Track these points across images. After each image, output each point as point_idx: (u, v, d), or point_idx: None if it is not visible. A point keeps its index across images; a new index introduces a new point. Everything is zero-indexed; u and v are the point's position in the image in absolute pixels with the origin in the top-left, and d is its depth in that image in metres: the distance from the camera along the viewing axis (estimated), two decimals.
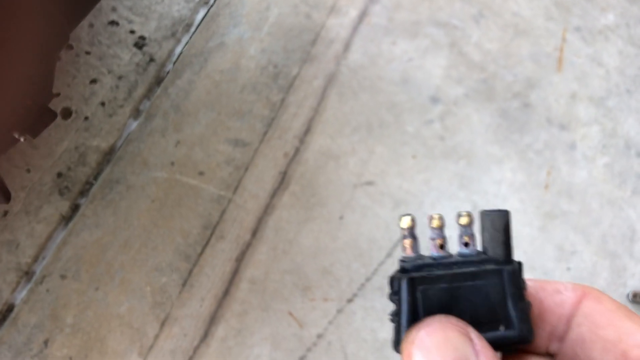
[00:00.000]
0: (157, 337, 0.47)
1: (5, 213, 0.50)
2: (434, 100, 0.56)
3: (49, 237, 0.50)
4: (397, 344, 0.21)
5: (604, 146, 0.55)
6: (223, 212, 0.51)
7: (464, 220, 0.22)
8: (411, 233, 0.22)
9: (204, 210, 0.51)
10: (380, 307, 0.49)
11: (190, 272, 0.49)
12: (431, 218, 0.22)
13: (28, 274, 0.49)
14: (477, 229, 0.22)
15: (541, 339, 0.22)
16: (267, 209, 0.51)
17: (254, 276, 0.49)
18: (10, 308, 0.48)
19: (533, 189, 0.53)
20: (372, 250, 0.50)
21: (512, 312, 0.21)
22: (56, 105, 0.54)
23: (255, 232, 0.51)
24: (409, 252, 0.22)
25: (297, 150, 0.54)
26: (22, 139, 0.36)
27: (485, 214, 0.22)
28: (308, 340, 0.47)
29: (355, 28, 0.59)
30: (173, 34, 0.57)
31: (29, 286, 0.48)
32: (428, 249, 0.22)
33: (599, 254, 0.51)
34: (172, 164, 0.52)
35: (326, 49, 0.58)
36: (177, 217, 0.51)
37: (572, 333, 0.21)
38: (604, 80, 0.58)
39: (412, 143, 0.54)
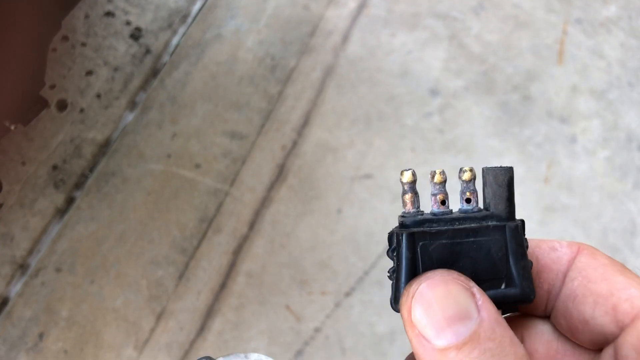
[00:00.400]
0: (153, 330, 0.47)
1: (0, 206, 0.50)
2: (433, 92, 0.56)
3: (44, 230, 0.49)
4: (396, 301, 0.20)
5: (605, 139, 0.55)
6: (220, 205, 0.50)
7: (466, 176, 0.21)
8: (412, 188, 0.21)
9: (201, 203, 0.50)
10: (378, 300, 0.48)
11: (186, 265, 0.49)
12: (433, 173, 0.21)
13: (23, 267, 0.48)
14: (479, 186, 0.21)
15: (540, 298, 0.22)
16: (265, 202, 0.51)
17: (251, 269, 0.49)
18: (5, 301, 0.47)
19: (533, 182, 0.53)
20: (370, 244, 0.50)
21: (514, 270, 0.20)
22: (51, 97, 0.53)
23: (252, 225, 0.50)
24: (409, 208, 0.21)
25: (294, 143, 0.53)
26: (12, 127, 0.36)
27: (488, 170, 0.21)
28: (305, 334, 0.47)
29: (354, 19, 0.58)
30: (169, 25, 0.57)
31: (23, 279, 0.48)
32: (429, 206, 0.21)
33: (599, 248, 0.51)
34: (169, 156, 0.52)
35: (324, 41, 0.57)
36: (173, 210, 0.50)
37: (565, 288, 0.21)
38: (605, 73, 0.57)
39: (411, 136, 0.54)
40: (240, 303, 0.48)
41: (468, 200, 0.21)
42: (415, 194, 0.21)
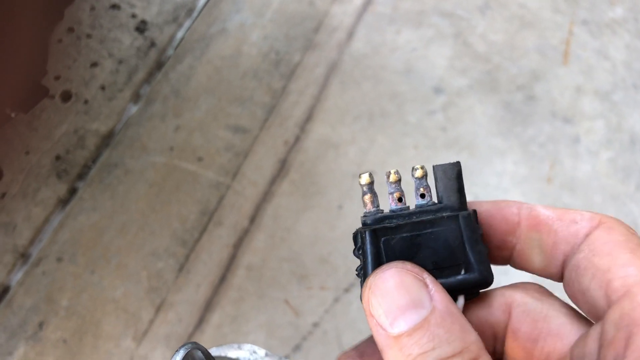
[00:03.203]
0: (152, 322, 0.47)
1: (3, 195, 0.50)
2: (437, 90, 0.56)
3: (46, 220, 0.50)
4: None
5: (609, 141, 0.54)
6: (221, 199, 0.51)
7: (418, 173, 0.23)
8: (370, 189, 0.23)
9: (202, 196, 0.51)
10: None
11: (187, 258, 0.49)
12: (389, 173, 0.23)
13: (24, 256, 0.48)
14: (432, 183, 0.23)
15: (556, 269, 0.22)
16: (266, 196, 0.51)
17: (251, 263, 0.49)
18: (5, 290, 0.47)
19: (535, 182, 0.53)
20: None
21: (471, 256, 0.22)
22: (56, 87, 0.53)
23: (253, 219, 0.50)
24: (370, 207, 0.23)
25: (297, 138, 0.53)
26: (13, 115, 0.36)
27: (438, 167, 0.23)
28: (304, 329, 0.47)
29: (359, 16, 0.58)
30: (175, 19, 0.57)
31: (25, 268, 0.48)
32: (388, 205, 0.23)
33: None
34: (171, 149, 0.52)
35: (329, 37, 0.57)
36: (174, 203, 0.50)
37: (573, 259, 0.21)
38: (610, 74, 0.57)
39: (414, 133, 0.54)
40: (239, 296, 0.48)
41: (422, 196, 0.23)
42: (374, 194, 0.23)
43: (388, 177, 0.23)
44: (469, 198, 0.53)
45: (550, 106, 0.56)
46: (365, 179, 0.23)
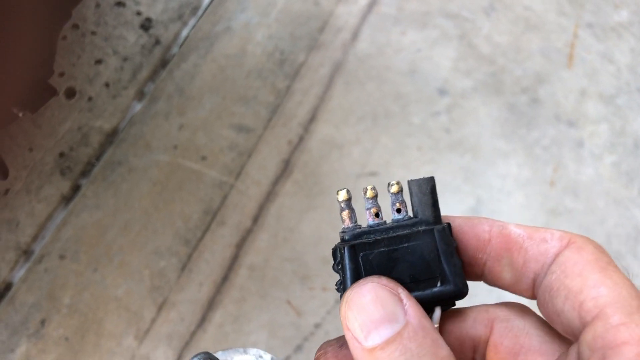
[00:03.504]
0: (154, 320, 0.47)
1: (6, 191, 0.50)
2: (442, 92, 0.56)
3: (49, 217, 0.50)
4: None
5: (612, 144, 0.54)
6: (224, 198, 0.51)
7: (394, 189, 0.23)
8: (348, 205, 0.23)
9: (206, 195, 0.51)
10: None
11: (189, 257, 0.49)
12: (365, 190, 0.23)
13: (27, 253, 0.48)
14: (407, 198, 0.23)
15: (527, 287, 0.23)
16: (269, 196, 0.51)
17: (254, 263, 0.49)
18: (8, 286, 0.48)
19: (538, 185, 0.53)
20: None
21: (446, 269, 0.22)
22: (60, 84, 0.53)
23: (256, 219, 0.50)
24: (348, 223, 0.23)
25: (301, 138, 0.53)
26: (20, 115, 0.36)
27: (412, 182, 0.23)
28: (305, 330, 0.47)
29: (364, 17, 0.58)
30: (180, 17, 0.57)
31: (27, 265, 0.48)
32: (365, 220, 0.23)
33: None
34: (175, 147, 0.52)
35: (334, 37, 0.57)
36: (178, 201, 0.50)
37: (545, 280, 0.22)
38: (615, 77, 0.57)
39: (418, 134, 0.54)
40: (241, 296, 0.48)
41: (399, 210, 0.23)
42: (351, 210, 0.23)
43: (365, 193, 0.24)
44: (472, 201, 0.53)
45: (555, 109, 0.56)
46: (343, 195, 0.23)
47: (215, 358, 0.20)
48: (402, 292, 0.20)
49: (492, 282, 0.24)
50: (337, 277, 0.23)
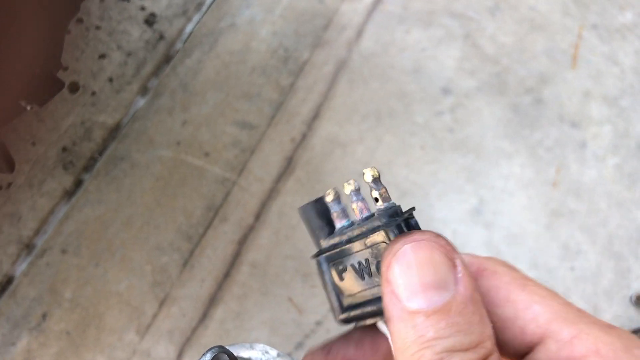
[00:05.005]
0: (155, 316, 0.47)
1: (9, 185, 0.50)
2: (445, 91, 0.55)
3: (51, 211, 0.50)
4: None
5: (615, 146, 0.54)
6: (227, 194, 0.51)
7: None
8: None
9: (208, 192, 0.51)
10: None
11: (191, 253, 0.49)
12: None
13: (29, 247, 0.48)
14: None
15: None
16: (272, 193, 0.51)
17: (256, 260, 0.49)
18: (9, 280, 0.48)
19: (541, 186, 0.53)
20: None
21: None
22: (64, 78, 0.53)
23: (258, 216, 0.50)
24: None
25: (304, 136, 0.53)
26: (28, 108, 0.36)
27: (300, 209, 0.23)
28: (306, 327, 0.47)
29: (369, 14, 0.58)
30: (184, 12, 0.57)
31: (29, 259, 0.48)
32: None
33: (604, 255, 0.51)
34: (178, 143, 0.52)
35: (338, 35, 0.57)
36: (180, 197, 0.50)
37: None
38: (619, 79, 0.57)
39: (421, 134, 0.54)
40: (243, 293, 0.48)
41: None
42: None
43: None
44: (474, 201, 0.53)
45: (558, 110, 0.55)
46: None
47: (228, 352, 0.20)
48: (458, 259, 0.18)
49: None
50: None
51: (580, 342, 0.18)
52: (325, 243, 0.22)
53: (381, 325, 0.21)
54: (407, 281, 0.18)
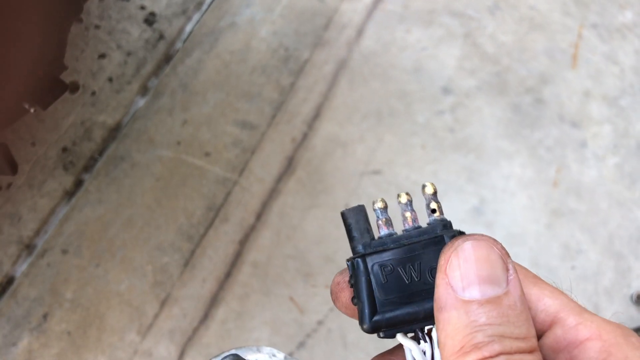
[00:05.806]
0: (156, 316, 0.47)
1: (9, 185, 0.50)
2: (446, 91, 0.55)
3: (52, 212, 0.49)
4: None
5: (615, 146, 0.55)
6: (228, 195, 0.51)
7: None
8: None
9: (209, 192, 0.50)
10: None
11: (192, 253, 0.49)
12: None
13: (29, 248, 0.48)
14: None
15: None
16: (273, 193, 0.51)
17: (257, 260, 0.49)
18: (10, 280, 0.47)
19: (542, 186, 0.53)
20: None
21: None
22: (63, 78, 0.53)
23: (259, 216, 0.50)
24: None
25: (305, 136, 0.53)
26: (32, 110, 0.36)
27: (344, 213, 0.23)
28: (308, 327, 0.47)
29: (369, 14, 0.58)
30: (184, 12, 0.57)
31: (30, 260, 0.48)
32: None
33: (604, 254, 0.51)
34: (178, 143, 0.52)
35: (339, 34, 0.57)
36: (181, 197, 0.50)
37: None
38: (619, 79, 0.57)
39: (422, 133, 0.54)
40: (244, 293, 0.48)
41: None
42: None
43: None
44: (475, 201, 0.53)
45: (558, 110, 0.56)
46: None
47: (242, 359, 0.20)
48: (510, 262, 0.20)
49: None
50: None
51: (584, 327, 0.20)
52: (367, 246, 0.22)
53: (401, 338, 0.21)
54: (464, 273, 0.19)
